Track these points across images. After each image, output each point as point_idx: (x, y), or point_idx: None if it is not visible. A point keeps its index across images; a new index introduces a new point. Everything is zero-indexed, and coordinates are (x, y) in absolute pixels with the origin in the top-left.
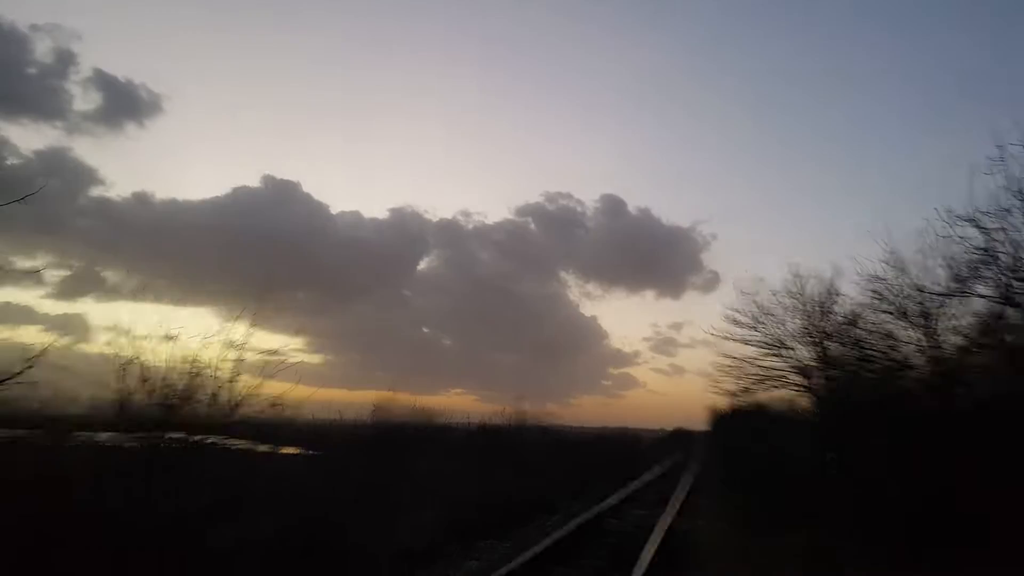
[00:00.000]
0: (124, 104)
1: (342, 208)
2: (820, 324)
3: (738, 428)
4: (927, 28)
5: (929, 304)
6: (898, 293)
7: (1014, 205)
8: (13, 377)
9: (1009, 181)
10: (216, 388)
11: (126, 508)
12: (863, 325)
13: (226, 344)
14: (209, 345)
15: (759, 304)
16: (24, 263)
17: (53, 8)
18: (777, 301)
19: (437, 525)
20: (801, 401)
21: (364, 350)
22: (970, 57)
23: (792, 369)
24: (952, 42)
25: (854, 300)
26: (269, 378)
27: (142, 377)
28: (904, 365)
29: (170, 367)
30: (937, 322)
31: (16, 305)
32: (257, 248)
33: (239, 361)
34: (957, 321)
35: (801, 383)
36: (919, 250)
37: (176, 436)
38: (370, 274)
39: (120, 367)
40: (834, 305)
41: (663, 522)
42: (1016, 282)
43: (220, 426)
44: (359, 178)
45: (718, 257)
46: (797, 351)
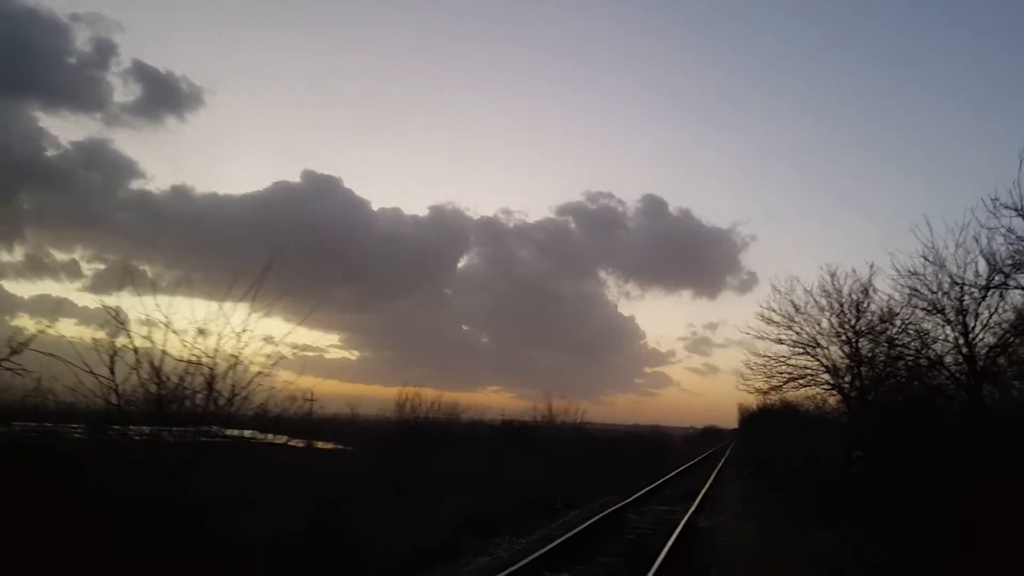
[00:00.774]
0: (164, 96)
1: (383, 205)
2: (853, 323)
3: (767, 426)
4: (962, 15)
5: (967, 300)
6: (935, 289)
7: None
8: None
9: None
10: (252, 384)
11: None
12: (897, 322)
13: (262, 339)
14: (246, 340)
15: (793, 303)
16: (63, 256)
17: None
18: (811, 300)
19: (454, 521)
20: (831, 400)
21: (402, 347)
22: (1012, 41)
23: (823, 368)
24: (990, 26)
25: (889, 297)
26: (305, 374)
27: (177, 372)
28: (937, 363)
29: (206, 362)
30: (975, 319)
31: (52, 297)
32: (297, 244)
33: (276, 356)
34: (997, 316)
35: (831, 382)
36: (959, 244)
37: (210, 430)
38: (410, 271)
39: (156, 361)
40: (868, 303)
41: (685, 519)
42: None
43: (255, 421)
44: (400, 175)
45: (756, 258)
46: (829, 350)
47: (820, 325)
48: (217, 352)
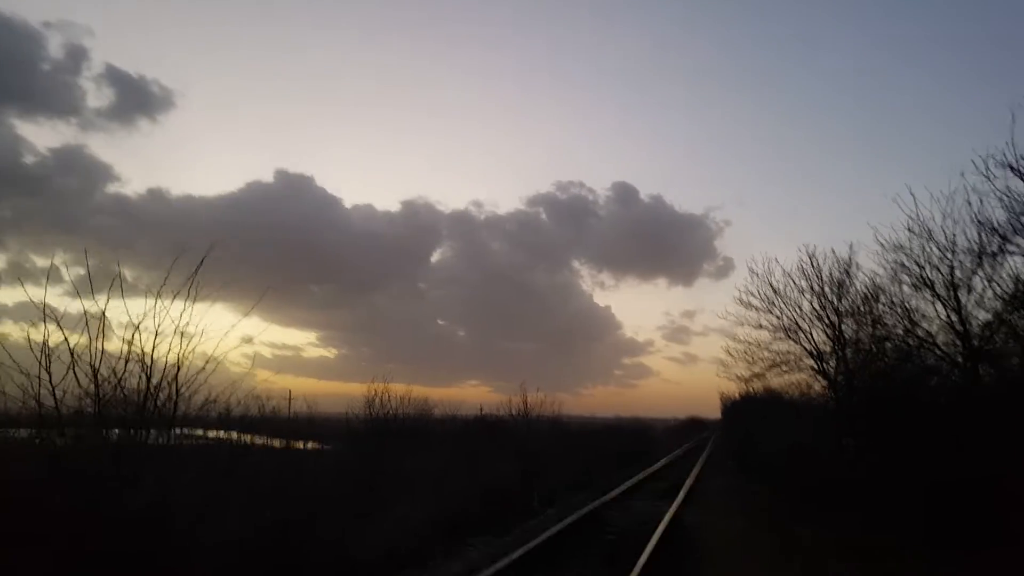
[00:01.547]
0: (137, 99)
1: (355, 201)
2: (835, 304)
3: (751, 414)
4: None
5: (958, 273)
6: (924, 263)
7: None
8: None
9: None
10: (230, 384)
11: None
12: (883, 300)
13: (241, 340)
14: (223, 341)
15: (772, 285)
16: (43, 262)
17: (64, 4)
18: (790, 282)
19: (424, 523)
20: (816, 386)
21: (380, 343)
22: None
23: (806, 352)
24: None
25: (873, 273)
26: (284, 372)
27: (156, 373)
28: (927, 342)
29: (184, 363)
30: (968, 293)
31: (33, 303)
32: (272, 242)
33: (253, 356)
34: (993, 288)
35: (815, 367)
36: (946, 214)
37: (188, 432)
38: (384, 267)
39: (137, 363)
40: (851, 284)
41: (669, 515)
42: None
43: (233, 421)
44: (371, 171)
45: (732, 243)
46: (811, 333)
47: (801, 308)
48: (197, 353)
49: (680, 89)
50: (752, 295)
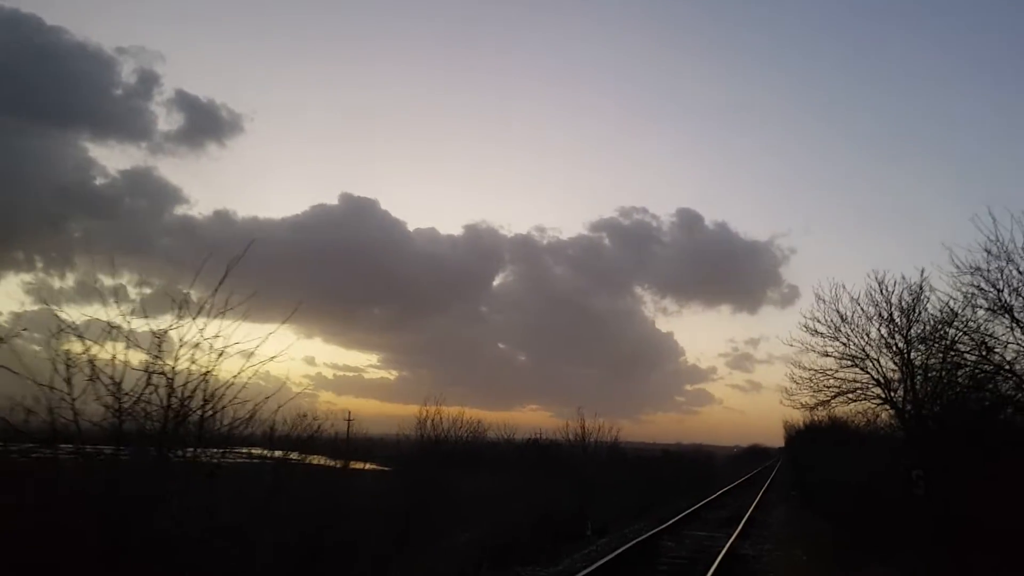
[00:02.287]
0: (206, 124)
1: (419, 225)
2: (905, 332)
3: (815, 443)
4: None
5: None
6: (1002, 286)
7: None
8: None
9: None
10: (295, 405)
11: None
12: (957, 325)
13: (304, 361)
14: (288, 362)
15: (839, 312)
16: (111, 281)
17: (138, 30)
18: (858, 309)
19: (474, 549)
20: (883, 415)
21: (440, 366)
22: None
23: (873, 381)
24: None
25: (948, 297)
26: (345, 394)
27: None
28: (1003, 369)
29: (250, 384)
30: None
31: (101, 322)
32: (336, 265)
33: (317, 377)
34: None
35: (882, 395)
36: None
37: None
38: (446, 290)
39: (201, 384)
40: (921, 310)
41: (727, 547)
42: None
43: (299, 442)
44: (435, 195)
45: (797, 271)
46: (879, 361)
47: (868, 335)
48: (262, 374)
49: (745, 115)
50: (818, 321)
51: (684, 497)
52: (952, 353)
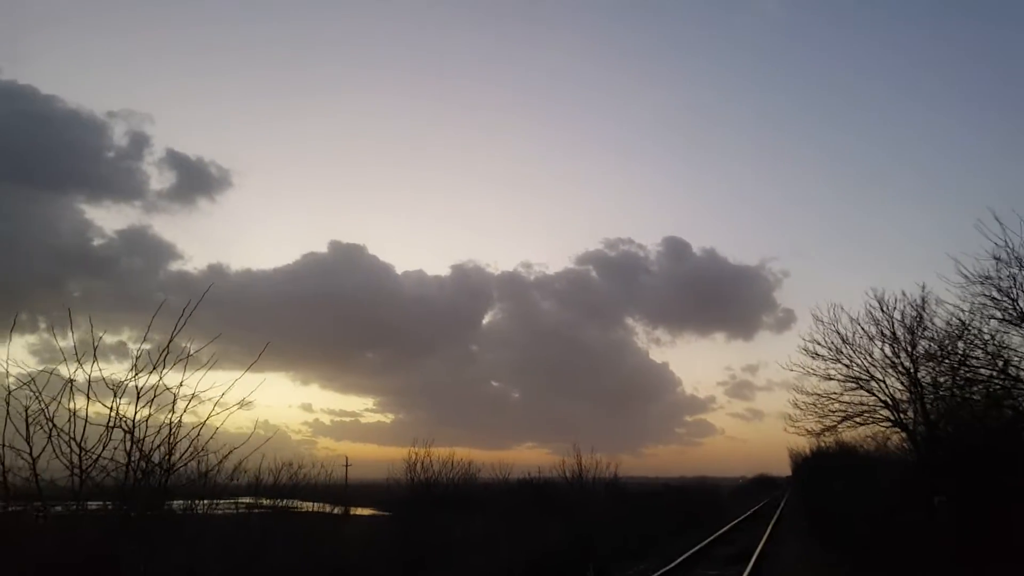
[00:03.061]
0: (196, 181)
1: (406, 268)
2: (910, 349)
3: (824, 471)
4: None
5: None
6: (1016, 293)
7: None
8: None
9: None
10: (295, 452)
11: None
12: (968, 339)
13: (302, 407)
14: (284, 409)
15: (840, 333)
16: (111, 339)
17: (126, 94)
18: (859, 329)
19: None
20: (893, 437)
21: (435, 407)
22: None
23: (880, 403)
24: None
25: (957, 309)
26: (343, 439)
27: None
28: (1021, 383)
29: (248, 432)
30: None
31: (102, 378)
32: (327, 312)
33: (314, 423)
34: None
35: (891, 417)
36: None
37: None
38: (437, 331)
39: (199, 435)
40: (926, 327)
41: None
42: None
43: (294, 490)
44: (421, 236)
45: (791, 294)
46: (885, 382)
47: (872, 355)
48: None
49: (727, 140)
50: (818, 344)
51: (690, 533)
52: (964, 369)
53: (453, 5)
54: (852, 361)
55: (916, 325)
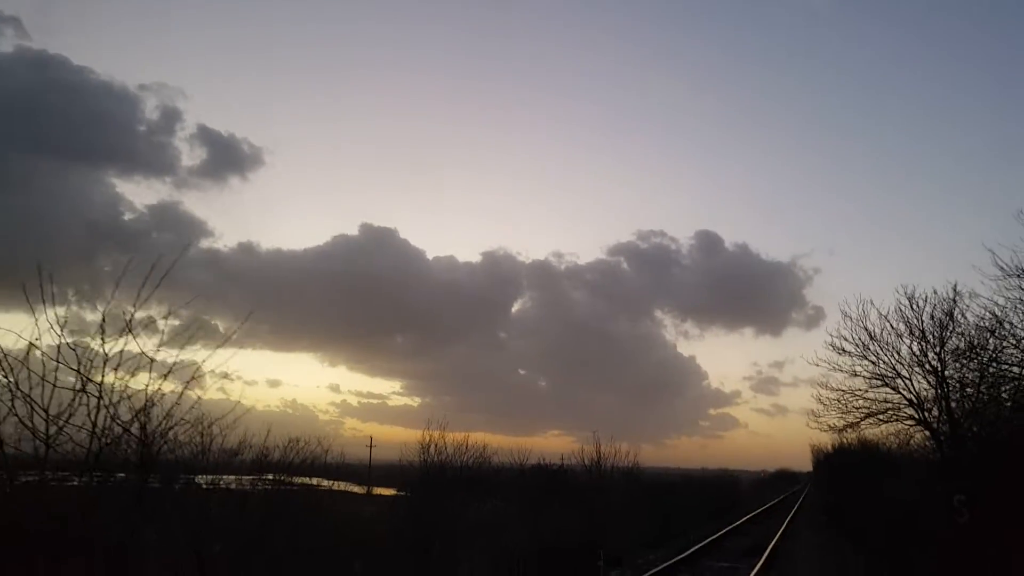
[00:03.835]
0: (228, 158)
1: (437, 253)
2: (939, 348)
3: (845, 467)
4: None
5: None
6: None
7: None
8: None
9: None
10: (319, 431)
11: None
12: (1001, 334)
13: (330, 388)
14: (312, 390)
15: (868, 330)
16: (140, 314)
17: (159, 68)
18: (888, 325)
19: None
20: (916, 436)
21: (462, 392)
22: None
23: (905, 400)
24: None
25: (992, 303)
26: (370, 421)
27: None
28: None
29: (274, 411)
30: None
31: (131, 353)
32: (357, 294)
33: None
34: None
35: (916, 416)
36: None
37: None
38: (466, 317)
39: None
40: (957, 326)
41: None
42: None
43: (322, 469)
44: (453, 223)
45: (822, 292)
46: (911, 380)
47: (899, 353)
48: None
49: (764, 135)
50: (845, 339)
51: (707, 524)
52: (993, 365)
53: None
54: (879, 358)
55: (947, 321)
